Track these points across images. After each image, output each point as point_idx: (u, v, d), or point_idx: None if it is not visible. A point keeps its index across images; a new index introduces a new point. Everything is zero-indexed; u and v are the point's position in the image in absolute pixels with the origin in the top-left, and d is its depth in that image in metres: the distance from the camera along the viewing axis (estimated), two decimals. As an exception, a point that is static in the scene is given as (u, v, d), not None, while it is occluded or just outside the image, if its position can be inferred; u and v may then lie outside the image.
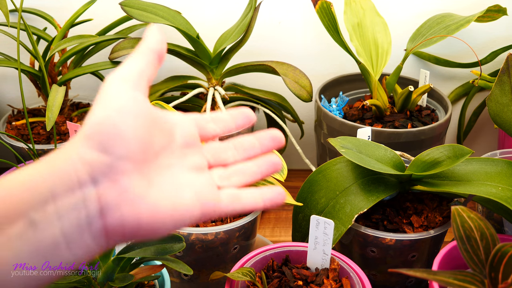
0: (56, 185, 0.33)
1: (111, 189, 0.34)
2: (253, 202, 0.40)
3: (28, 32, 0.86)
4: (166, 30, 1.04)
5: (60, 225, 0.33)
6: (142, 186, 0.35)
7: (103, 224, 0.34)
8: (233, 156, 0.43)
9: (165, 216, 0.36)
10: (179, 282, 0.78)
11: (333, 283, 0.65)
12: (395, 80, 0.96)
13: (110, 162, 0.34)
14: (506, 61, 0.71)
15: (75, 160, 0.34)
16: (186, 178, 0.39)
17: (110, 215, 0.34)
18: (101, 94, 0.36)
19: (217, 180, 0.41)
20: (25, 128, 0.96)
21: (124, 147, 0.35)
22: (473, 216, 0.55)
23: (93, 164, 0.34)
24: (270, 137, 0.43)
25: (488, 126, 1.14)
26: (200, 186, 0.39)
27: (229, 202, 0.40)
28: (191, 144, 0.41)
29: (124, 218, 0.34)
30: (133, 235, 0.35)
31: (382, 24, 0.98)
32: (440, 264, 0.66)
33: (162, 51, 0.40)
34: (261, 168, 0.42)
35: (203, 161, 0.42)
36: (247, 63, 0.94)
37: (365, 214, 0.76)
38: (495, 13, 0.97)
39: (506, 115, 0.73)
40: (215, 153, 0.43)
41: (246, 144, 0.43)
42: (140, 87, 0.38)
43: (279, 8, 1.03)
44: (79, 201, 0.33)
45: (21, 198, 0.32)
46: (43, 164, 0.34)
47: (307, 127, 1.11)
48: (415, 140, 0.86)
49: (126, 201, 0.34)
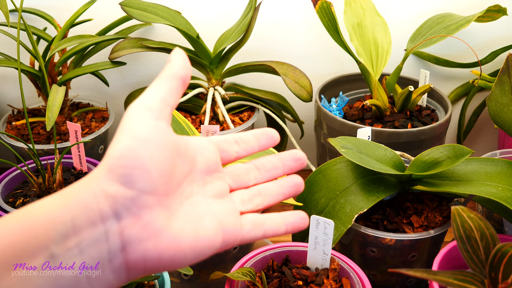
0: (78, 217, 0.32)
1: (133, 224, 0.33)
2: (275, 228, 0.40)
3: (28, 32, 0.86)
4: (166, 30, 1.04)
5: (81, 260, 0.32)
6: (164, 219, 0.35)
7: (125, 259, 0.33)
8: (255, 178, 0.42)
9: (186, 248, 0.35)
10: (179, 282, 0.78)
11: (333, 283, 0.65)
12: (395, 80, 0.96)
13: (133, 196, 0.33)
14: (506, 61, 0.71)
15: (97, 193, 0.33)
16: (208, 207, 0.38)
17: (132, 250, 0.33)
18: (123, 123, 0.35)
19: (239, 205, 0.40)
20: (25, 128, 0.96)
21: (147, 181, 0.34)
22: (473, 216, 0.55)
23: (116, 198, 0.33)
24: (293, 158, 0.42)
25: (488, 126, 1.14)
26: (221, 214, 0.38)
27: (251, 229, 0.39)
28: (212, 170, 0.40)
29: (147, 253, 0.34)
30: (154, 268, 0.35)
31: (382, 24, 0.98)
32: (440, 264, 0.66)
33: (186, 77, 0.38)
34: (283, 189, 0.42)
35: (225, 186, 0.41)
36: (247, 63, 0.94)
37: (365, 214, 0.76)
38: (495, 13, 0.97)
39: (506, 115, 0.73)
40: (237, 176, 0.42)
41: (269, 166, 0.42)
42: (163, 116, 0.36)
43: (279, 8, 1.03)
44: (101, 235, 0.32)
45: (43, 231, 0.31)
46: (65, 195, 0.33)
47: (307, 127, 1.11)
48: (415, 140, 0.86)
49: (148, 236, 0.34)
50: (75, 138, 0.82)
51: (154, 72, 1.08)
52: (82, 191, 0.33)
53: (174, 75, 0.38)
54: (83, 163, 0.84)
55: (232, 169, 0.42)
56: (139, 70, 1.08)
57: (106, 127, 0.94)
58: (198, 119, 0.96)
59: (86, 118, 0.99)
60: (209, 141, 0.42)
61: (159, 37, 1.05)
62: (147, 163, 0.34)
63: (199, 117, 0.97)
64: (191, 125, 0.79)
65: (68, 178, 0.82)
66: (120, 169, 0.33)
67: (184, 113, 0.98)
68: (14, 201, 0.78)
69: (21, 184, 0.83)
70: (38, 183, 0.79)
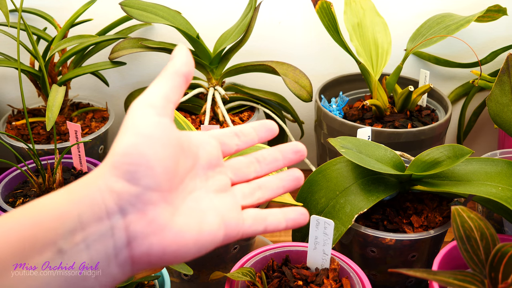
0: (85, 213, 0.33)
1: (138, 220, 0.34)
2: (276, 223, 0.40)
3: (28, 32, 0.86)
4: (166, 30, 1.04)
5: (88, 254, 0.32)
6: (168, 215, 0.35)
7: (130, 253, 0.34)
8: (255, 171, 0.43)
9: (189, 243, 0.35)
10: (179, 282, 0.78)
11: (333, 283, 0.65)
12: (395, 80, 0.96)
13: (138, 193, 0.34)
14: (506, 61, 0.71)
15: (102, 189, 0.33)
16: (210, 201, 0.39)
17: (137, 245, 0.34)
18: (127, 120, 0.36)
19: (240, 199, 0.41)
20: (25, 128, 0.96)
21: (151, 178, 0.34)
22: (473, 216, 0.55)
23: (121, 194, 0.34)
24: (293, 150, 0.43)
25: (488, 126, 1.14)
26: (224, 209, 0.39)
27: (252, 223, 0.39)
28: (214, 165, 0.41)
29: (151, 247, 0.34)
30: (158, 262, 0.35)
31: (382, 24, 0.98)
32: (440, 264, 0.66)
33: (189, 73, 0.39)
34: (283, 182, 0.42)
35: (226, 180, 0.41)
36: (247, 63, 0.94)
37: (365, 214, 0.76)
38: (495, 13, 0.97)
39: (506, 115, 0.73)
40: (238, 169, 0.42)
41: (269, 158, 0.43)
42: (166, 113, 0.37)
43: (279, 8, 1.03)
44: (107, 230, 0.33)
45: (50, 226, 0.32)
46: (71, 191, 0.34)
47: (307, 127, 1.11)
48: (415, 140, 0.86)
49: (153, 232, 0.34)
50: (75, 138, 0.82)
51: (154, 72, 1.08)
52: (88, 187, 0.34)
53: (177, 72, 0.38)
54: (83, 163, 0.84)
55: (233, 162, 0.43)
56: (139, 70, 1.08)
57: (106, 127, 0.94)
58: (198, 119, 0.96)
59: (86, 118, 0.99)
60: (211, 135, 0.42)
61: (159, 37, 1.05)
62: (152, 160, 0.34)
63: (199, 117, 0.97)
64: (191, 125, 0.79)
65: (68, 178, 0.82)
66: (125, 166, 0.34)
67: (184, 113, 0.99)
68: (14, 201, 0.78)
69: (21, 184, 0.83)
70: (38, 183, 0.79)
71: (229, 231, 0.38)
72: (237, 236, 0.39)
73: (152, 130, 0.35)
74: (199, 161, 0.40)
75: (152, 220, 0.34)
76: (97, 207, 0.33)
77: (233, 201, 0.40)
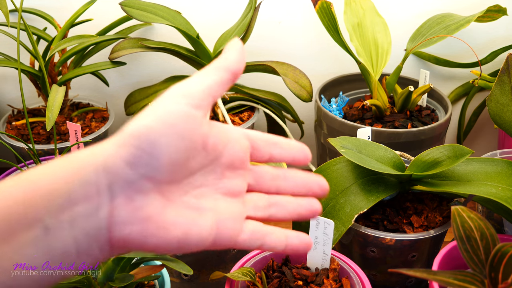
0: (76, 191, 0.32)
1: (124, 205, 0.33)
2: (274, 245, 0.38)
3: (28, 32, 0.86)
4: (166, 30, 1.04)
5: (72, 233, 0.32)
6: (158, 207, 0.34)
7: (109, 236, 0.33)
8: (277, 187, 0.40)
9: (172, 241, 0.34)
10: (179, 282, 0.78)
11: (333, 283, 0.65)
12: (395, 80, 0.96)
13: (132, 179, 0.33)
14: (506, 61, 0.71)
15: (99, 169, 0.33)
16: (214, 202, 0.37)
17: (117, 231, 0.33)
18: (155, 103, 0.34)
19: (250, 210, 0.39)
20: (25, 128, 0.96)
21: (152, 168, 0.33)
22: (473, 216, 0.55)
23: (115, 176, 0.33)
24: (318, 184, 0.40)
25: (488, 126, 1.14)
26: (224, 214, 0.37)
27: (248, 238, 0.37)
28: (236, 167, 0.39)
29: (130, 235, 0.33)
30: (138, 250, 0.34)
31: (382, 24, 0.98)
32: (440, 264, 0.66)
33: (238, 71, 0.37)
34: (301, 208, 0.39)
35: (243, 186, 0.39)
36: (247, 63, 0.93)
37: (365, 214, 0.76)
38: (495, 13, 0.97)
39: (506, 115, 0.73)
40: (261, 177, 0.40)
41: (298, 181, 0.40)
42: (201, 105, 0.35)
43: (279, 8, 1.03)
44: (92, 210, 0.32)
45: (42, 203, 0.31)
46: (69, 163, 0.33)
47: (307, 127, 1.11)
48: (415, 140, 0.86)
49: (136, 220, 0.33)
50: (75, 138, 0.82)
51: (154, 72, 1.08)
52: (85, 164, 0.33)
53: (227, 68, 0.36)
54: (83, 163, 0.84)
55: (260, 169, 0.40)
56: (139, 70, 1.08)
57: (106, 127, 0.94)
58: (198, 119, 0.96)
59: (86, 118, 0.99)
60: (245, 135, 0.40)
61: (159, 37, 1.05)
62: (161, 151, 0.33)
63: (199, 117, 0.96)
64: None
65: (68, 178, 0.82)
66: (131, 148, 0.33)
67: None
68: (14, 201, 0.78)
69: (21, 184, 0.83)
70: (38, 183, 0.78)
71: (219, 240, 0.36)
72: (227, 246, 0.37)
73: (175, 120, 0.33)
74: (220, 159, 0.38)
75: (137, 208, 0.33)
76: (89, 187, 0.32)
77: (239, 209, 0.38)
